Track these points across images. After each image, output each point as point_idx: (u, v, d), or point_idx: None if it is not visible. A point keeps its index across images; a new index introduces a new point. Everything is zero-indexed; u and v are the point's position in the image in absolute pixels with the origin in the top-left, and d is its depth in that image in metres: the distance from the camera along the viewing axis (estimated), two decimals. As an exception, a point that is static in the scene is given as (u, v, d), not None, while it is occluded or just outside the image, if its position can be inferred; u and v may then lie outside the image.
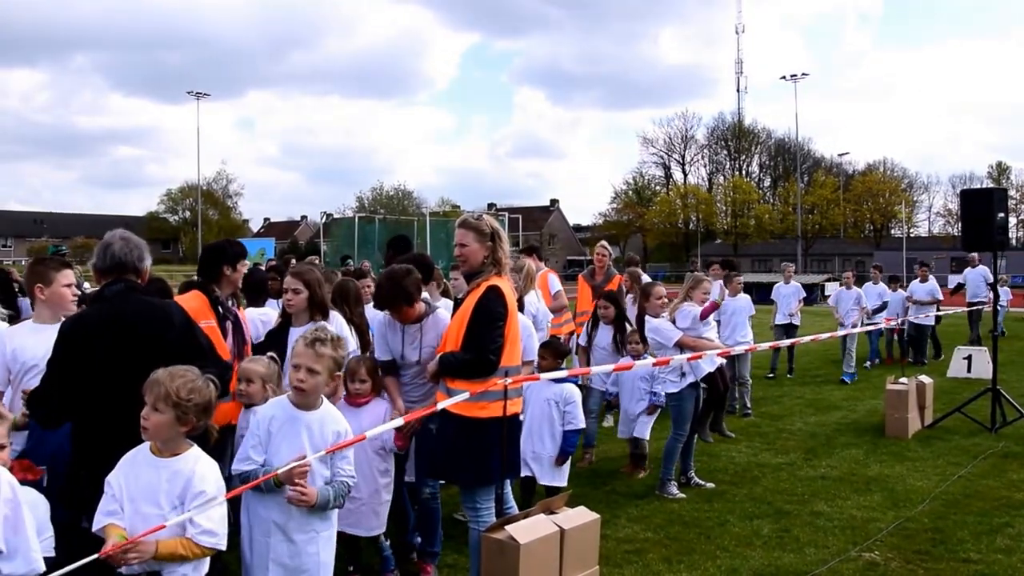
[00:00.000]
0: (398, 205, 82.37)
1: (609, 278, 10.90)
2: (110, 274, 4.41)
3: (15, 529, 3.10)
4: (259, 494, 4.11)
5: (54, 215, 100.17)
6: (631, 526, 7.03)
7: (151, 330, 4.25)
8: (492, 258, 5.28)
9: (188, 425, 3.63)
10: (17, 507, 3.12)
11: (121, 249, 4.41)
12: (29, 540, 3.14)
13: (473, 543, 5.29)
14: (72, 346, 4.17)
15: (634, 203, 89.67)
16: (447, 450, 5.29)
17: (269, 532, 4.12)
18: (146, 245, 4.61)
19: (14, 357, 4.85)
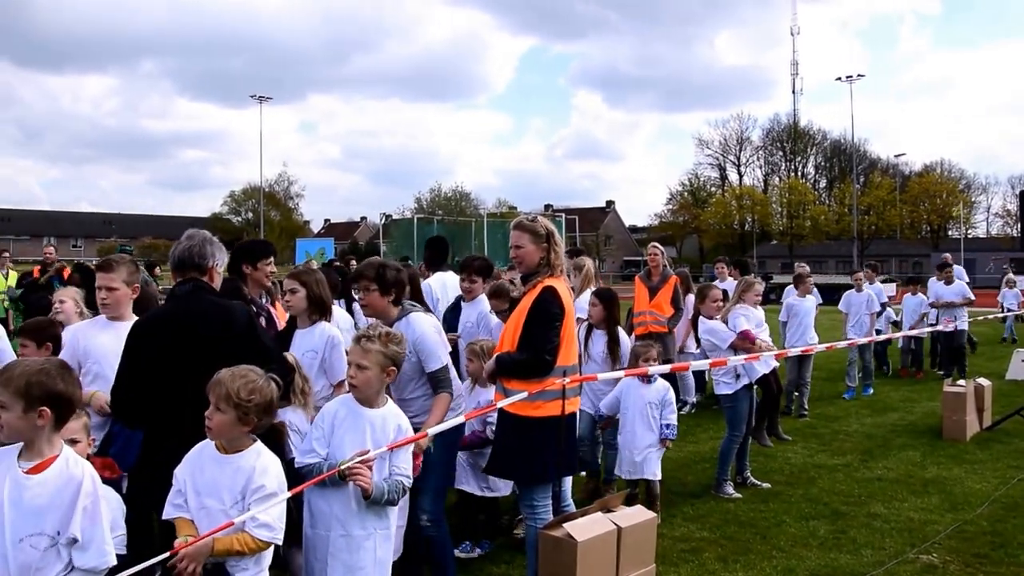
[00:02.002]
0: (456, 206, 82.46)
1: (665, 279, 10.91)
2: (177, 273, 4.56)
3: (92, 521, 3.21)
4: (320, 489, 4.21)
5: (123, 216, 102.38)
6: (687, 525, 7.10)
7: (211, 329, 4.34)
8: (547, 259, 5.34)
9: (250, 424, 3.72)
10: (96, 500, 3.24)
11: (184, 248, 4.55)
12: (104, 533, 3.24)
13: (530, 540, 5.37)
14: (139, 344, 4.35)
15: (690, 204, 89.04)
16: (502, 449, 5.43)
17: (329, 527, 4.23)
18: (215, 243, 4.69)
19: (86, 353, 5.04)
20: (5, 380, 3.20)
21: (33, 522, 3.15)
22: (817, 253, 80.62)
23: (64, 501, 3.18)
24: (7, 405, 3.17)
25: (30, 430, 3.20)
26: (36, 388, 3.18)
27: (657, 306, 10.65)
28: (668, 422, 7.21)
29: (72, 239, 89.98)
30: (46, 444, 3.24)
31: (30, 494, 3.17)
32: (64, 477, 3.21)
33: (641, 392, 7.22)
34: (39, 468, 3.21)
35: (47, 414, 3.19)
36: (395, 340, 4.46)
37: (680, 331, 11.13)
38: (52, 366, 3.31)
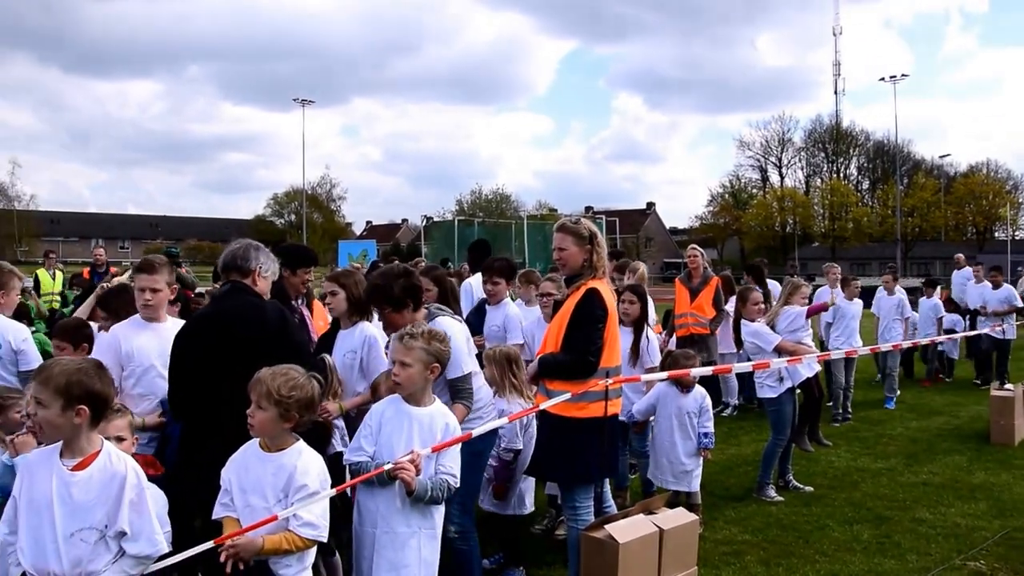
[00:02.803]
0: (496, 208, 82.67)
1: (706, 280, 10.87)
2: (222, 276, 4.77)
3: (139, 513, 3.31)
4: (367, 486, 4.27)
5: (168, 218, 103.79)
6: (729, 528, 7.08)
7: (247, 328, 4.48)
8: (590, 261, 5.35)
9: (291, 421, 3.77)
10: (141, 492, 3.34)
11: (229, 252, 4.74)
12: (152, 523, 3.35)
13: (572, 542, 5.39)
14: (186, 344, 4.49)
15: (731, 206, 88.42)
16: (544, 449, 5.45)
17: (375, 523, 4.27)
18: (261, 249, 4.81)
19: (129, 356, 5.08)
20: (44, 379, 3.30)
21: (82, 517, 3.26)
22: (860, 255, 79.70)
23: (110, 496, 3.28)
24: (46, 403, 3.26)
25: (68, 428, 3.29)
26: (75, 387, 3.26)
27: (698, 308, 10.61)
28: (706, 430, 7.08)
29: (119, 241, 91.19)
30: (86, 441, 3.34)
31: (77, 490, 3.28)
32: (108, 473, 3.31)
33: (679, 401, 7.09)
34: (82, 465, 3.31)
35: (85, 412, 3.29)
36: (438, 337, 4.49)
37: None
38: (89, 366, 3.40)
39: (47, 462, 3.35)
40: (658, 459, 7.14)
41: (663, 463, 7.08)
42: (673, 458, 7.00)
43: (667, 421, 7.07)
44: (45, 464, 3.35)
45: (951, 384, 15.25)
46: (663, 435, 7.08)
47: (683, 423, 7.03)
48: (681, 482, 6.99)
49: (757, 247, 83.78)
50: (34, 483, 3.33)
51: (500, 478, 6.04)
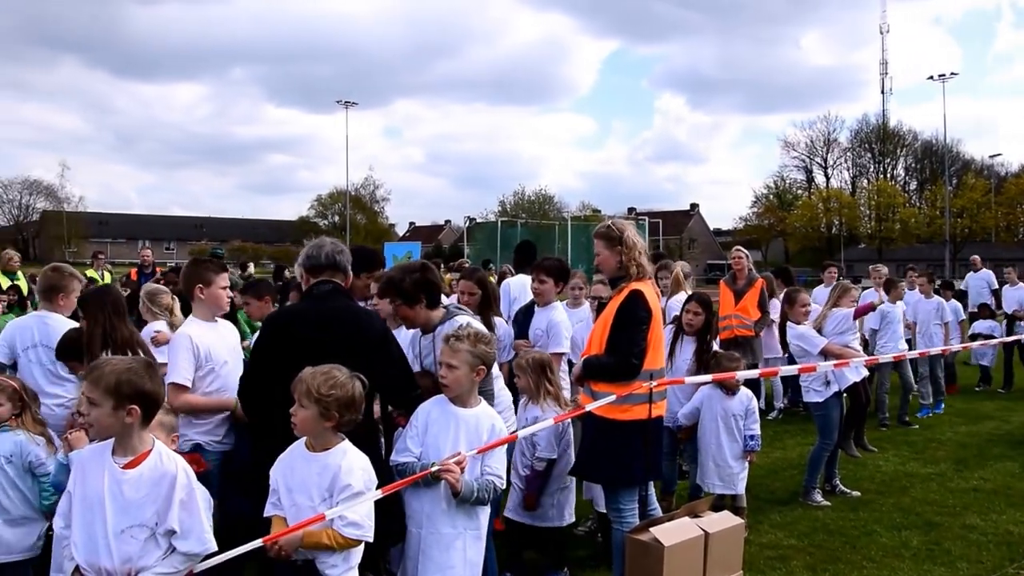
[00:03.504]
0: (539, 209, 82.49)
1: (751, 282, 10.75)
2: (321, 273, 4.62)
3: (189, 512, 3.36)
4: (413, 487, 4.29)
5: (212, 219, 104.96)
6: (774, 532, 7.00)
7: (349, 332, 4.38)
8: (624, 262, 5.35)
9: (332, 420, 3.77)
10: (192, 492, 3.39)
11: (333, 250, 4.64)
12: (202, 522, 3.39)
13: (616, 544, 5.38)
14: (274, 339, 4.44)
15: (775, 207, 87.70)
16: (588, 451, 5.45)
17: (420, 524, 4.30)
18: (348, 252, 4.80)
19: (207, 356, 5.13)
20: (95, 378, 3.35)
21: (133, 514, 3.32)
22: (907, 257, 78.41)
23: (160, 495, 3.33)
24: (97, 402, 3.32)
25: (119, 427, 3.35)
26: (125, 386, 3.31)
27: (743, 310, 10.50)
28: (752, 432, 7.00)
29: (165, 242, 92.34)
30: (137, 440, 3.39)
31: (127, 488, 3.33)
32: (159, 472, 3.36)
33: (724, 403, 7.01)
34: (133, 463, 3.37)
35: (136, 412, 3.34)
36: (484, 340, 4.49)
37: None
38: (139, 365, 3.45)
39: (100, 459, 3.40)
40: (704, 462, 7.07)
41: (709, 466, 7.00)
42: (720, 460, 6.93)
43: (712, 424, 7.00)
44: (98, 461, 3.40)
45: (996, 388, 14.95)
46: (709, 438, 7.01)
47: (729, 426, 6.96)
48: (728, 485, 6.91)
49: (802, 248, 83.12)
50: (87, 479, 3.39)
51: (531, 487, 5.91)
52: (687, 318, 7.27)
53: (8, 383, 4.91)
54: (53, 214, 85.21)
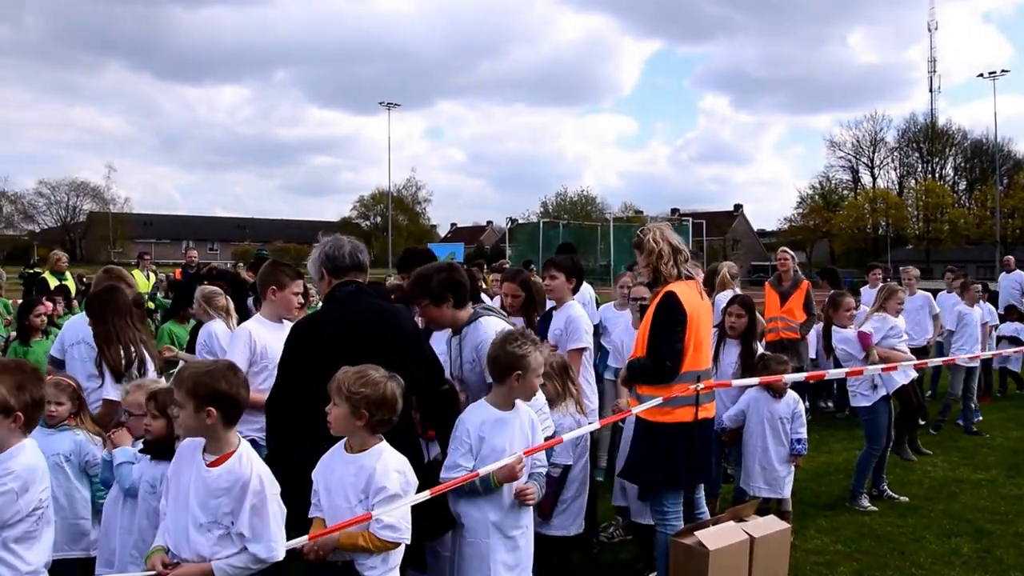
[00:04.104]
0: (581, 210, 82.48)
1: (796, 284, 10.66)
2: (345, 274, 4.54)
3: (261, 517, 3.41)
4: (471, 498, 4.29)
5: (255, 220, 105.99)
6: (820, 537, 6.90)
7: (376, 332, 4.35)
8: (652, 264, 5.38)
9: (362, 419, 3.76)
10: (264, 498, 3.43)
11: (353, 251, 4.57)
12: (272, 529, 3.43)
13: (660, 547, 5.34)
14: (303, 345, 4.36)
15: (820, 208, 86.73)
16: (634, 453, 5.45)
17: (488, 533, 4.30)
18: (364, 247, 4.74)
19: (262, 354, 5.19)
20: (179, 381, 3.51)
21: (211, 511, 3.44)
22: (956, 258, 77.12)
23: (234, 497, 3.43)
24: (182, 404, 3.47)
25: (202, 428, 3.47)
26: (202, 388, 3.43)
27: (789, 312, 10.41)
28: (799, 436, 6.91)
29: (208, 242, 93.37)
30: (221, 441, 3.50)
31: (208, 486, 3.46)
32: (234, 475, 3.45)
33: (771, 406, 6.93)
34: (217, 463, 3.49)
35: (213, 413, 3.44)
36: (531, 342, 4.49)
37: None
38: (218, 368, 3.55)
39: (193, 453, 3.56)
40: (749, 465, 6.98)
41: (755, 469, 6.92)
42: (766, 464, 6.85)
43: (759, 427, 6.92)
44: (191, 455, 3.56)
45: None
46: (755, 441, 6.93)
47: (775, 429, 6.88)
48: (774, 489, 6.83)
49: (848, 250, 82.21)
50: (180, 471, 3.57)
51: (546, 495, 5.54)
52: (729, 321, 7.21)
53: (67, 382, 4.97)
54: (100, 215, 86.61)
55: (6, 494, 3.42)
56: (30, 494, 3.48)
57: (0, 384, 3.51)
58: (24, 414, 3.53)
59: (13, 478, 3.44)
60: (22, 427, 3.54)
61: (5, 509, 3.42)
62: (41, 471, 3.59)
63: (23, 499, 3.46)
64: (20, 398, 3.51)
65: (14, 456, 3.50)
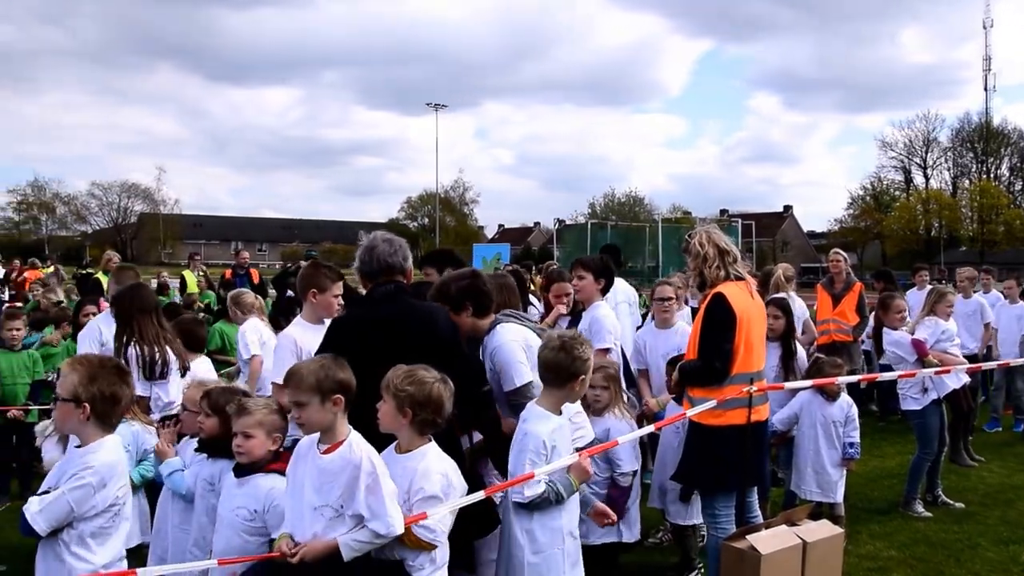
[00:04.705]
0: (630, 211, 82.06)
1: (849, 286, 10.53)
2: (377, 277, 4.55)
3: (376, 496, 3.55)
4: (543, 510, 4.28)
5: (302, 221, 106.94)
6: (874, 543, 6.81)
7: (418, 333, 4.34)
8: (698, 267, 5.38)
9: (406, 417, 3.80)
10: (376, 477, 3.57)
11: (385, 251, 4.54)
12: (387, 505, 3.55)
13: (711, 550, 5.31)
14: (337, 343, 4.34)
15: (872, 209, 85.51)
16: (686, 456, 5.42)
17: (562, 540, 4.33)
18: (406, 244, 4.72)
19: (307, 355, 5.24)
20: (297, 381, 3.66)
21: (324, 495, 3.63)
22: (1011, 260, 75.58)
23: (346, 480, 3.59)
24: (305, 403, 3.63)
25: (329, 419, 3.67)
26: (326, 381, 3.63)
27: (841, 314, 10.29)
28: (852, 440, 6.82)
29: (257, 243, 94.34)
30: (335, 430, 3.69)
31: (322, 471, 3.64)
32: (346, 460, 3.62)
33: (824, 409, 6.85)
34: (330, 450, 3.67)
35: (340, 400, 3.66)
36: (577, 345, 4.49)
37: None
38: (329, 360, 3.74)
39: (310, 443, 3.76)
40: (801, 469, 6.91)
41: (807, 473, 6.84)
42: (819, 467, 6.77)
43: (811, 430, 6.85)
44: (309, 444, 3.76)
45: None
46: (807, 444, 6.86)
47: (828, 432, 6.80)
48: (826, 493, 6.75)
49: (900, 251, 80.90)
50: (298, 461, 3.78)
51: (619, 504, 5.57)
52: (767, 323, 7.08)
53: None
54: (150, 216, 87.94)
55: (83, 487, 3.55)
56: (107, 490, 3.62)
57: (75, 373, 3.66)
58: (91, 406, 3.63)
59: (92, 473, 3.57)
60: (93, 420, 3.65)
61: (82, 502, 3.55)
62: (120, 468, 3.71)
63: (100, 494, 3.60)
64: (89, 390, 3.63)
65: (94, 451, 3.64)
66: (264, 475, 4.17)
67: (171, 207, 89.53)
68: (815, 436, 6.82)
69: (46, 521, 3.53)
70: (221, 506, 4.26)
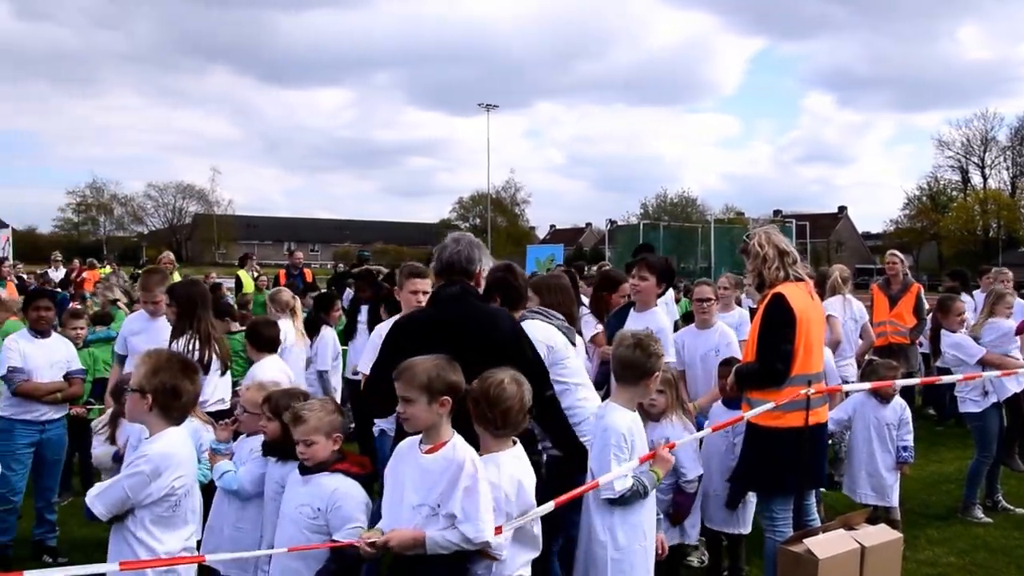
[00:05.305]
0: (682, 212, 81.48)
1: (906, 287, 10.38)
2: (442, 276, 4.57)
3: (471, 499, 3.57)
4: (628, 504, 4.33)
5: (354, 222, 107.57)
6: (932, 548, 6.72)
7: (475, 334, 4.29)
8: (756, 268, 5.37)
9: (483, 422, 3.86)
10: (475, 481, 3.59)
11: (450, 251, 4.54)
12: (480, 511, 3.56)
13: (768, 553, 5.29)
14: (398, 342, 4.40)
15: (928, 209, 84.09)
16: (744, 459, 5.41)
17: (643, 536, 4.39)
18: (481, 247, 4.63)
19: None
20: (408, 377, 3.69)
21: (423, 494, 3.65)
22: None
23: (446, 480, 3.61)
24: (413, 399, 3.66)
25: (433, 418, 3.69)
26: (437, 381, 3.66)
27: (898, 316, 10.14)
28: (905, 443, 6.76)
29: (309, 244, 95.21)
30: (441, 430, 3.71)
31: (423, 471, 3.68)
32: (448, 459, 3.65)
33: (878, 412, 6.80)
34: (432, 450, 3.70)
35: (448, 402, 3.68)
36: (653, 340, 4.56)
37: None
38: (443, 361, 3.75)
39: (412, 442, 3.79)
40: (855, 472, 6.85)
41: (860, 476, 6.78)
42: (872, 470, 6.70)
43: (865, 432, 6.79)
44: (411, 446, 3.79)
45: None
46: (860, 447, 6.80)
47: (882, 435, 6.74)
48: (881, 496, 6.68)
49: (957, 252, 79.47)
50: (399, 459, 3.82)
51: (682, 509, 5.67)
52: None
53: None
54: (204, 217, 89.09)
55: (138, 475, 3.70)
56: (162, 479, 3.73)
57: (143, 365, 3.86)
58: (154, 397, 3.79)
59: (146, 461, 3.71)
60: (156, 411, 3.81)
61: (137, 490, 3.70)
62: (178, 460, 3.81)
63: (155, 483, 3.72)
64: (152, 381, 3.81)
65: (153, 442, 3.80)
66: (329, 475, 4.25)
67: (225, 208, 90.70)
68: (869, 439, 6.76)
69: (104, 506, 3.72)
70: (284, 503, 4.34)
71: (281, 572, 4.24)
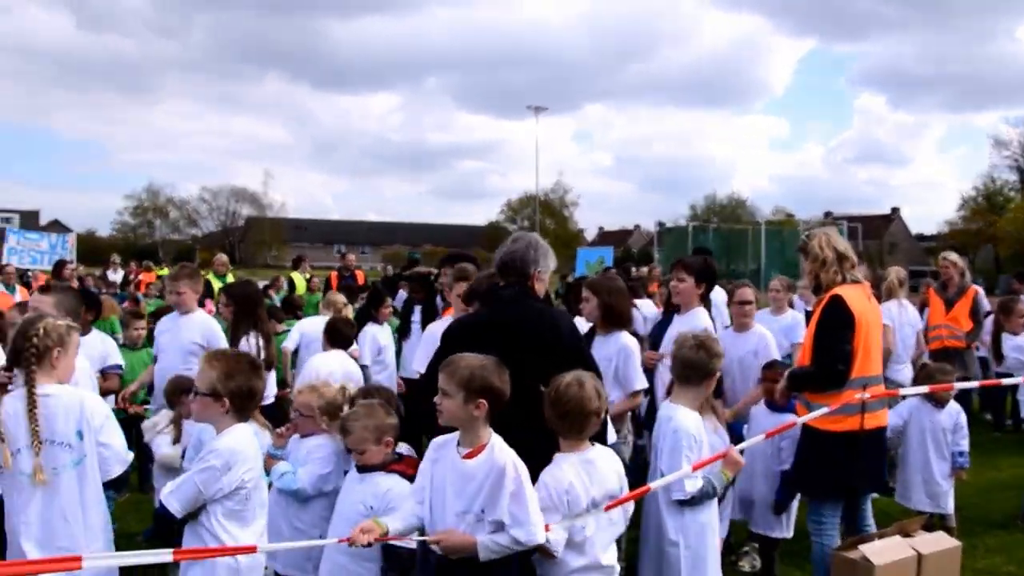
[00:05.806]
0: (731, 214, 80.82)
1: (962, 290, 10.18)
2: (500, 275, 4.55)
3: (519, 502, 3.54)
4: (699, 504, 4.35)
5: (404, 225, 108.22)
6: (991, 557, 6.57)
7: (533, 336, 4.26)
8: (814, 271, 5.31)
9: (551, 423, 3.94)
10: (521, 484, 3.56)
11: (506, 251, 4.50)
12: (530, 514, 3.55)
13: (815, 558, 5.26)
14: (454, 343, 4.28)
15: (984, 210, 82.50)
16: (798, 461, 5.38)
17: (713, 534, 4.46)
18: (540, 247, 4.54)
19: None
20: (451, 371, 3.65)
21: (465, 501, 3.60)
22: None
23: (490, 485, 3.57)
24: (450, 393, 3.61)
25: (467, 419, 3.62)
26: (477, 381, 3.59)
27: (954, 319, 9.95)
28: (961, 449, 6.65)
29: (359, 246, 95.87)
30: (479, 433, 3.65)
31: (464, 476, 3.62)
32: (490, 464, 3.60)
33: (933, 416, 6.69)
34: (472, 454, 3.63)
35: (483, 405, 3.59)
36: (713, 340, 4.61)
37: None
38: (491, 362, 3.70)
39: (448, 446, 3.73)
40: (909, 478, 6.74)
41: (915, 482, 6.68)
42: (928, 477, 6.60)
43: (919, 437, 6.69)
44: (448, 448, 3.73)
45: None
46: (915, 452, 6.70)
47: (937, 440, 6.64)
48: (936, 503, 6.58)
49: (1014, 254, 77.95)
50: (437, 463, 3.74)
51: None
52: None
53: None
54: (257, 220, 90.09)
55: (208, 470, 3.75)
56: (233, 473, 3.78)
57: (213, 370, 3.86)
58: (231, 400, 3.85)
59: (216, 455, 3.77)
60: (231, 413, 3.87)
61: (208, 484, 3.75)
62: (245, 454, 3.86)
63: (226, 477, 3.77)
64: (227, 385, 3.84)
65: (222, 437, 3.85)
66: (386, 475, 4.33)
67: (277, 211, 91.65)
68: (924, 445, 6.66)
69: (178, 502, 3.76)
70: (340, 499, 4.41)
71: (330, 568, 4.31)
